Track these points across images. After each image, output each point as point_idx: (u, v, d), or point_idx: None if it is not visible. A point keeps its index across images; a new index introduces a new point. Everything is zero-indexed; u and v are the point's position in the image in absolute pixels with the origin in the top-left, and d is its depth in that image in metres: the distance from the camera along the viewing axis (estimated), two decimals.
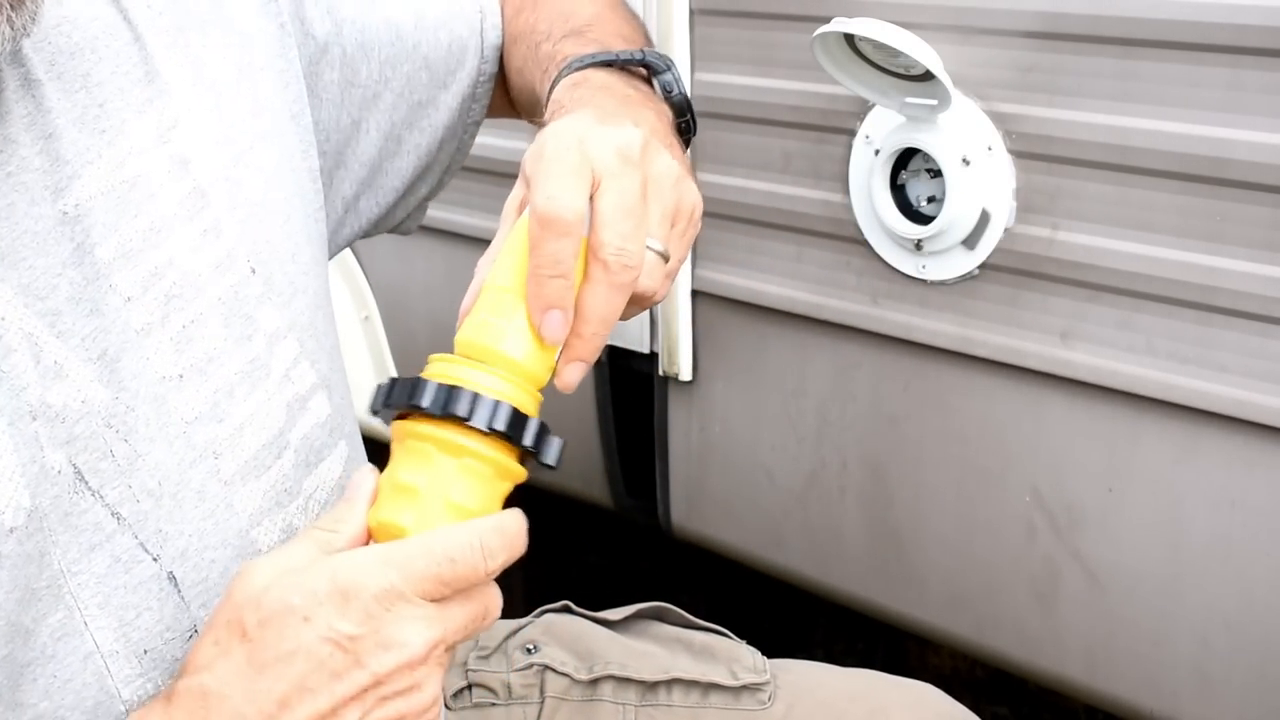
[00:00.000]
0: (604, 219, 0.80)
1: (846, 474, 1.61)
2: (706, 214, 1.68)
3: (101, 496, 0.79)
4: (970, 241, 1.40)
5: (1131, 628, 1.40)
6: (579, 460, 1.92)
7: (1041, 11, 1.31)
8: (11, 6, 0.76)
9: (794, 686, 1.18)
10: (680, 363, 1.73)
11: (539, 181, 0.79)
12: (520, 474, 0.80)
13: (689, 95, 1.03)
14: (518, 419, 0.76)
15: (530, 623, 1.23)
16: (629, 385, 1.84)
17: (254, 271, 0.89)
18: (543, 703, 1.16)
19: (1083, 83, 1.30)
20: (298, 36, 1.02)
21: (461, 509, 0.76)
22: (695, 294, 1.70)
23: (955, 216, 1.38)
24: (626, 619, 1.23)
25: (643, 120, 0.91)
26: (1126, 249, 1.30)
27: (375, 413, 0.80)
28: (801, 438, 1.64)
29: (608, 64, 1.00)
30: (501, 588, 0.80)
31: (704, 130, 1.63)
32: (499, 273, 0.81)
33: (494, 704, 1.16)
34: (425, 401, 0.75)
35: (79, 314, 0.81)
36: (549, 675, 1.17)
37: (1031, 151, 1.35)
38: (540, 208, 0.78)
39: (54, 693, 0.78)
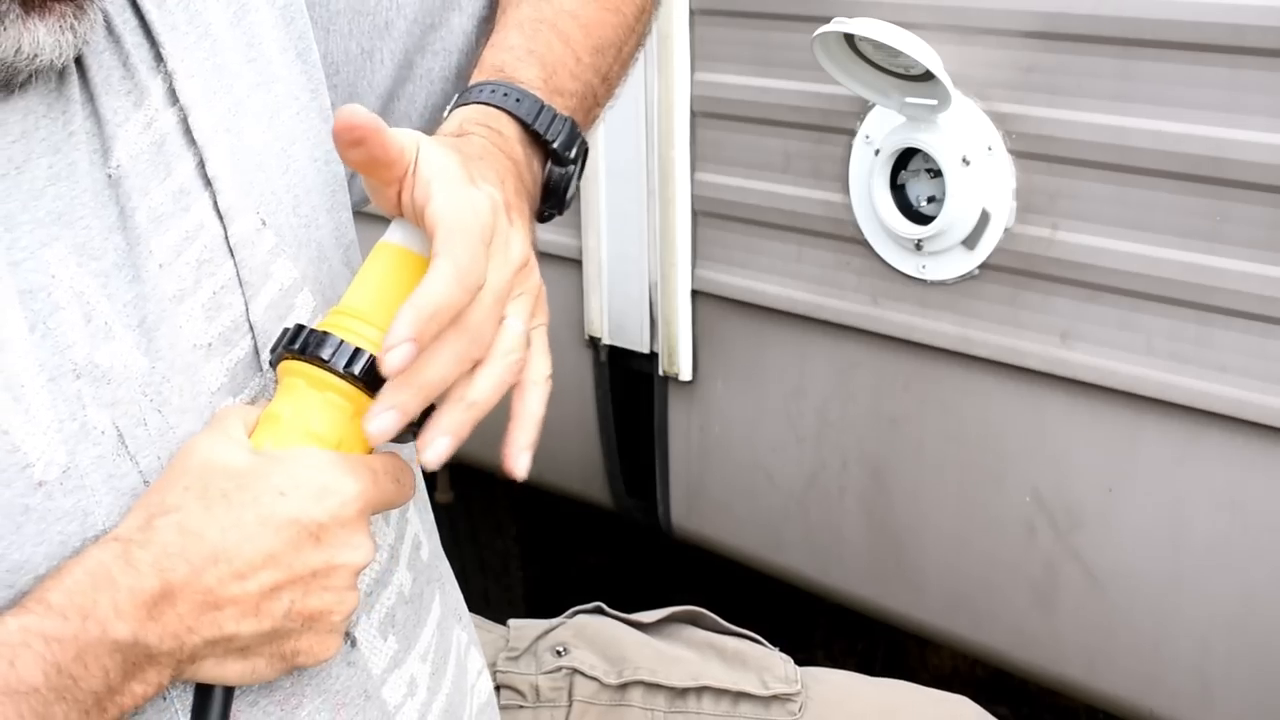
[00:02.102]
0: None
1: (846, 474, 1.61)
2: (707, 214, 1.69)
3: (137, 463, 0.79)
4: (970, 241, 1.40)
5: (1131, 628, 1.40)
6: (579, 460, 1.92)
7: (1041, 11, 1.31)
8: (75, 15, 0.78)
9: (825, 698, 1.17)
10: (680, 363, 1.73)
11: (476, 244, 0.77)
12: None
13: (574, 193, 0.97)
14: (374, 364, 0.79)
15: (562, 624, 1.21)
16: (629, 385, 1.84)
17: (264, 224, 0.88)
18: (570, 706, 1.15)
19: (1083, 83, 1.30)
20: None
21: (319, 437, 0.79)
22: (695, 294, 1.70)
23: (955, 216, 1.39)
24: (659, 622, 1.22)
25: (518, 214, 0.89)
26: (1126, 249, 1.30)
27: (272, 365, 0.83)
28: (801, 438, 1.64)
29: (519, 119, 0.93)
30: (501, 586, 0.81)
31: (704, 130, 1.64)
32: (398, 236, 0.81)
33: (521, 706, 1.15)
34: (296, 345, 0.79)
35: (123, 279, 0.81)
36: (577, 679, 1.16)
37: (1031, 151, 1.35)
38: (460, 274, 0.76)
39: None
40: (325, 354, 0.78)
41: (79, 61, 0.84)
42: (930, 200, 1.43)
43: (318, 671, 0.85)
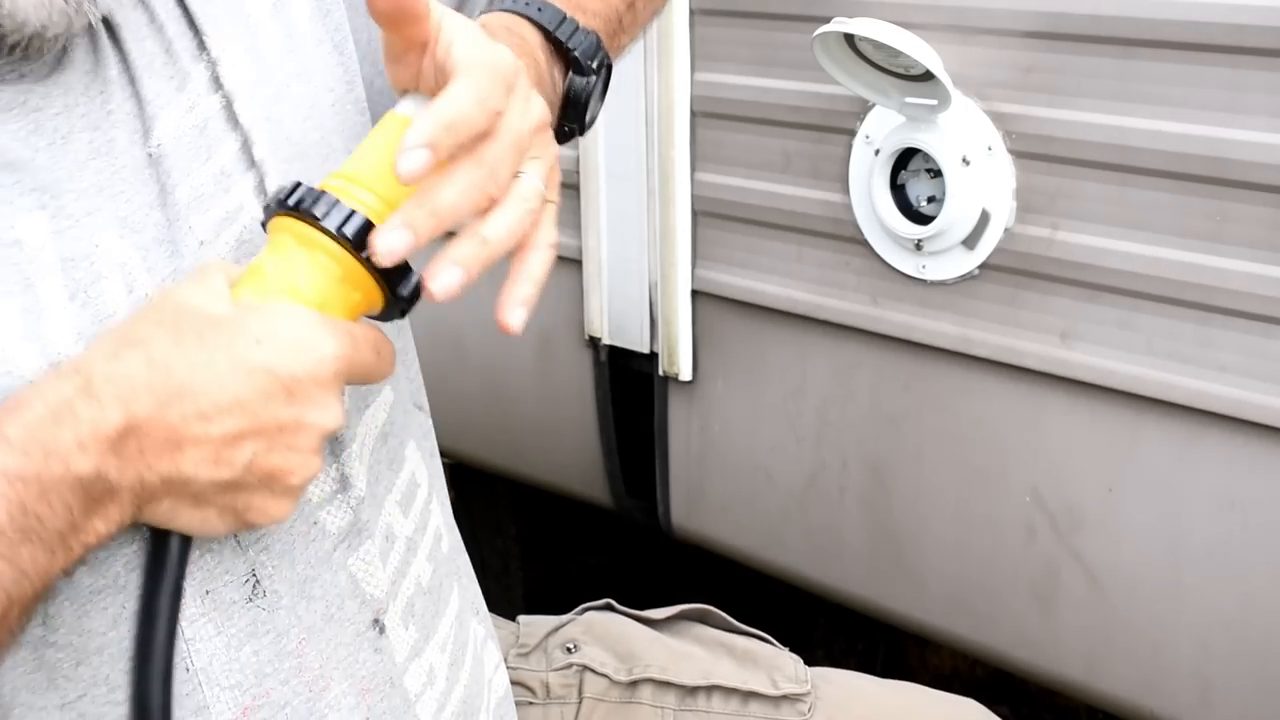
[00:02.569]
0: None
1: (846, 474, 1.61)
2: (707, 214, 1.69)
3: None
4: (970, 241, 1.40)
5: (1131, 628, 1.40)
6: (579, 460, 1.92)
7: (1041, 11, 1.31)
8: None
9: (835, 698, 1.17)
10: (680, 363, 1.73)
11: (500, 76, 0.75)
12: (374, 294, 0.79)
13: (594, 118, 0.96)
14: (369, 229, 0.76)
15: (572, 620, 1.22)
16: (629, 385, 1.84)
17: None
18: (580, 703, 1.15)
19: (1083, 83, 1.30)
20: None
21: (302, 295, 0.76)
22: (695, 294, 1.70)
23: (955, 216, 1.38)
24: (669, 619, 1.22)
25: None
26: (1126, 249, 1.30)
27: (264, 222, 0.81)
28: (801, 438, 1.64)
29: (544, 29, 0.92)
30: (501, 586, 0.81)
31: (704, 130, 1.64)
32: (409, 107, 0.80)
33: (531, 703, 1.15)
34: (291, 200, 0.77)
35: (163, 254, 0.81)
36: (588, 675, 1.16)
37: (1031, 151, 1.35)
38: (480, 95, 0.74)
39: (121, 623, 0.79)
40: (318, 212, 0.76)
41: (119, 47, 0.85)
42: (930, 200, 1.43)
43: (345, 657, 0.85)
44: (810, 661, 1.24)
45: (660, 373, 1.75)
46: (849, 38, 1.35)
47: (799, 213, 1.56)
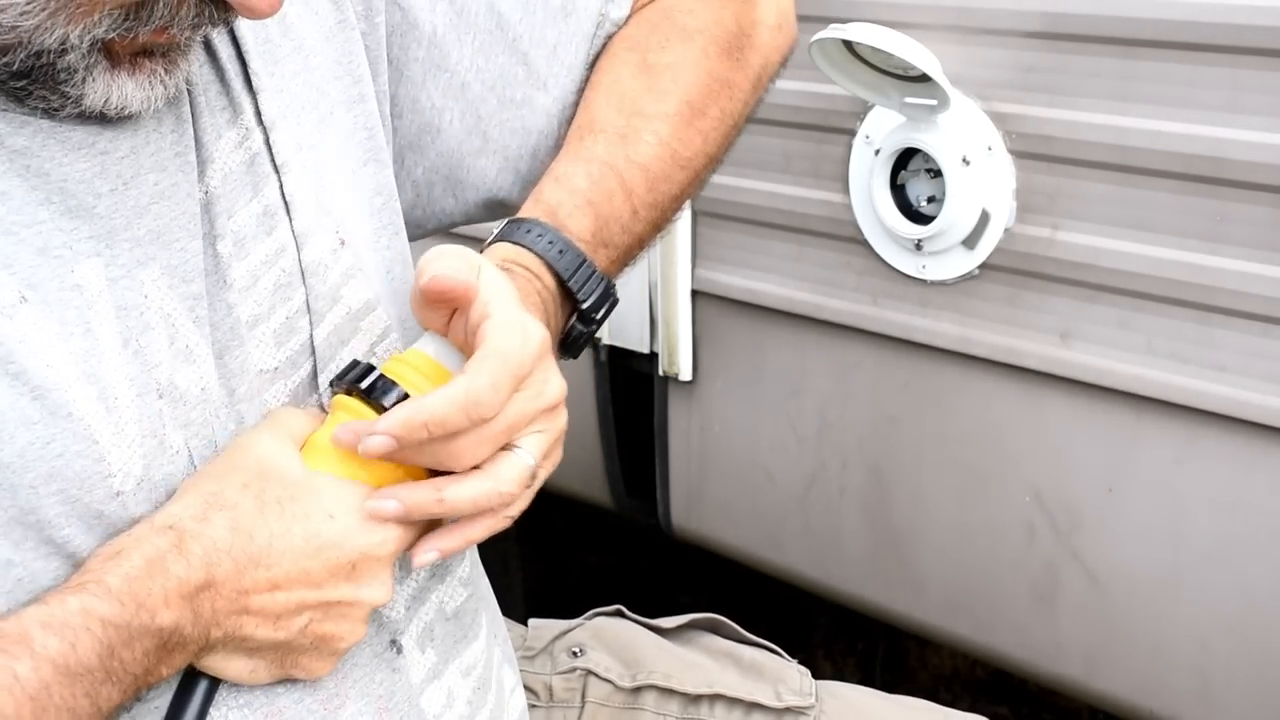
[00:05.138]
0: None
1: (846, 474, 1.61)
2: (707, 214, 1.69)
3: None
4: (970, 241, 1.40)
5: (1131, 628, 1.40)
6: (579, 460, 1.92)
7: (1041, 11, 1.31)
8: (165, 70, 0.79)
9: (839, 713, 1.15)
10: (680, 363, 1.73)
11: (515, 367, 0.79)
12: (421, 478, 0.84)
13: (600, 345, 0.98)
14: None
15: (580, 625, 1.21)
16: (629, 385, 1.84)
17: (343, 243, 0.88)
18: (583, 707, 1.15)
19: (1083, 83, 1.30)
20: (384, 8, 0.96)
21: (361, 474, 0.81)
22: (695, 294, 1.70)
23: (955, 216, 1.38)
24: (679, 628, 1.22)
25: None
26: (1126, 249, 1.30)
27: (330, 389, 0.85)
28: (801, 438, 1.64)
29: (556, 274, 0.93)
30: (502, 586, 0.83)
31: None
32: (428, 346, 0.84)
33: (534, 705, 1.15)
34: (357, 379, 0.82)
35: (206, 303, 0.83)
36: (592, 680, 1.16)
37: (1031, 151, 1.35)
38: (470, 403, 0.78)
39: None
40: (376, 394, 0.80)
41: (190, 86, 0.85)
42: (930, 200, 1.43)
43: (361, 675, 0.86)
44: (810, 661, 1.23)
45: (660, 373, 1.75)
46: (847, 41, 1.35)
47: (799, 213, 1.56)
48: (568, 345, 0.95)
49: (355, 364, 0.82)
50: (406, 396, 0.80)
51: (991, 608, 1.51)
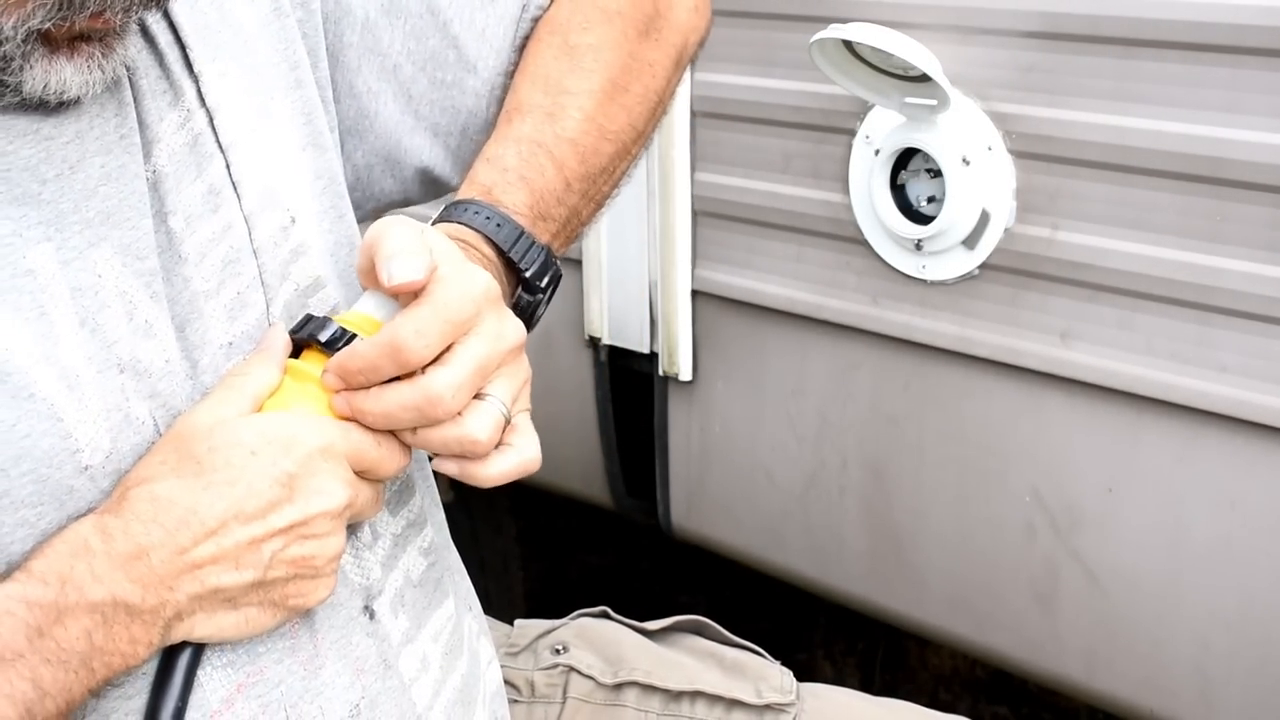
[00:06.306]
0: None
1: (846, 474, 1.61)
2: (707, 214, 1.69)
3: None
4: (970, 241, 1.40)
5: (1131, 628, 1.40)
6: (579, 460, 1.92)
7: (1041, 11, 1.31)
8: (102, 54, 0.80)
9: (820, 712, 1.16)
10: (680, 363, 1.73)
11: (446, 306, 0.82)
12: None
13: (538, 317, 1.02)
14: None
15: (564, 624, 1.22)
16: (629, 385, 1.84)
17: (294, 220, 0.91)
18: (564, 703, 1.16)
19: (1083, 83, 1.30)
20: None
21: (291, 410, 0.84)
22: (695, 294, 1.70)
23: (955, 216, 1.39)
24: (663, 629, 1.23)
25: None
26: (1126, 249, 1.30)
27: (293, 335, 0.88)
28: (801, 438, 1.64)
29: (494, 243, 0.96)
30: (502, 586, 0.83)
31: (704, 130, 1.64)
32: (368, 305, 0.87)
33: (516, 700, 1.16)
34: (323, 335, 0.85)
35: (162, 279, 0.84)
36: (573, 676, 1.17)
37: (1031, 151, 1.35)
38: (407, 343, 0.81)
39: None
40: (322, 336, 0.83)
41: (131, 65, 0.86)
42: (930, 200, 1.43)
43: (339, 638, 0.88)
44: (810, 661, 1.23)
45: (660, 373, 1.75)
46: (847, 41, 1.35)
47: (799, 213, 1.56)
48: (519, 315, 0.96)
49: (310, 318, 0.85)
50: (328, 321, 0.83)
51: (991, 607, 1.51)
